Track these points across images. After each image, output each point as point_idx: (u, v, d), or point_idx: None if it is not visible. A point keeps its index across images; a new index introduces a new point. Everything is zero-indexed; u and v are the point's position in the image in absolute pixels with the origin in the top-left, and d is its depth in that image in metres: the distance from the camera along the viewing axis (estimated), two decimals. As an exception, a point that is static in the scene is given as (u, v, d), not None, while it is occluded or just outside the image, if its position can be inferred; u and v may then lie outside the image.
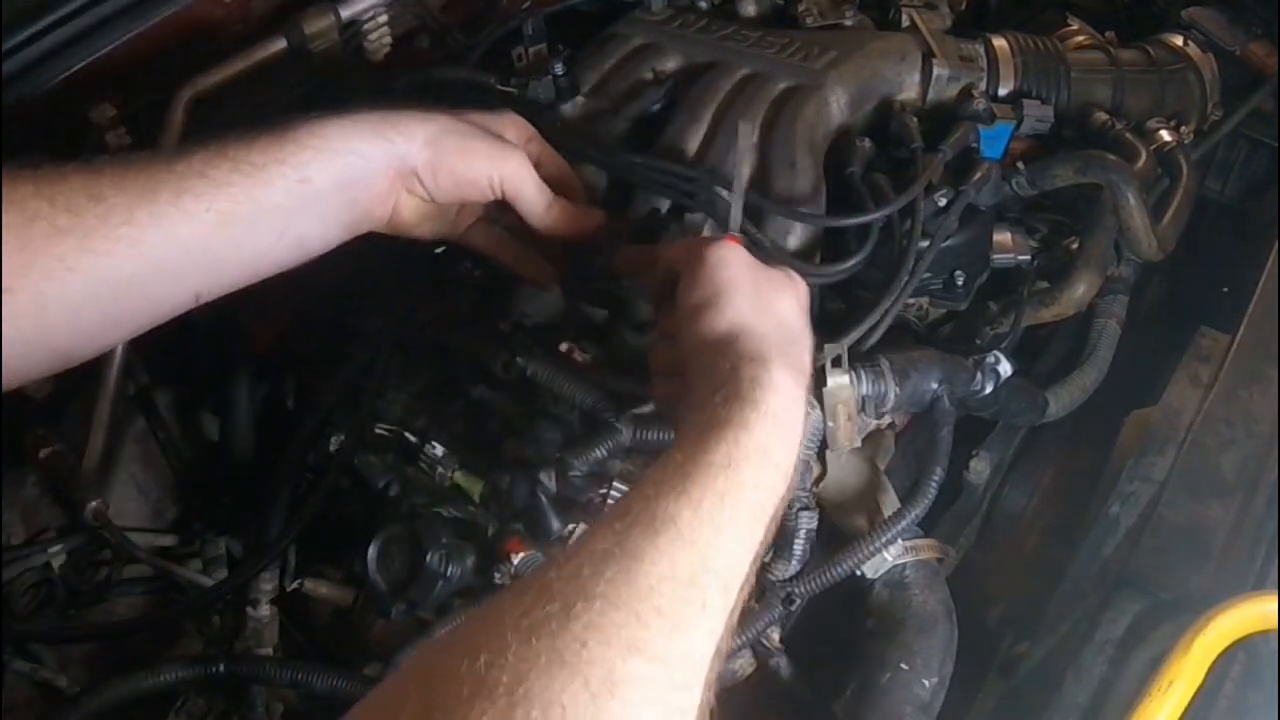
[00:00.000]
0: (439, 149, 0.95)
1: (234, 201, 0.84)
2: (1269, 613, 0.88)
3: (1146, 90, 1.49)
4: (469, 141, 0.98)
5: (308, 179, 0.87)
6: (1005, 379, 1.10)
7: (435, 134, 0.95)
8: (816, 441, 1.05)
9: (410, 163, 0.94)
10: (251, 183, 0.85)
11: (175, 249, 0.82)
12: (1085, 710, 0.95)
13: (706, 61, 1.34)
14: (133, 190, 0.81)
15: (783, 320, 0.88)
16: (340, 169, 0.90)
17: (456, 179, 0.97)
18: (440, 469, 1.14)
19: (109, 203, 0.79)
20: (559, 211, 1.04)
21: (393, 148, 0.93)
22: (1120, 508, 1.11)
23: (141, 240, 0.80)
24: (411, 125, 0.95)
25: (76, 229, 0.78)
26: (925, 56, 1.36)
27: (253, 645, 1.20)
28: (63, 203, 0.78)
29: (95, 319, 0.81)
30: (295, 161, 0.87)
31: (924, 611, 1.03)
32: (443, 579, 1.08)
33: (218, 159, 0.85)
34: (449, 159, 0.96)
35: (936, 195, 1.18)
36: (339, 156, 0.90)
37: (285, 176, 0.87)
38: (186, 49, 1.31)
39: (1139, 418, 1.19)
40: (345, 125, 0.92)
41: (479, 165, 0.98)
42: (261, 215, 0.86)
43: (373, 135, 0.92)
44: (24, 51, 1.18)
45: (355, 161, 0.91)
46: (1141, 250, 1.34)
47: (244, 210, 0.85)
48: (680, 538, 0.66)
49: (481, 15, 1.58)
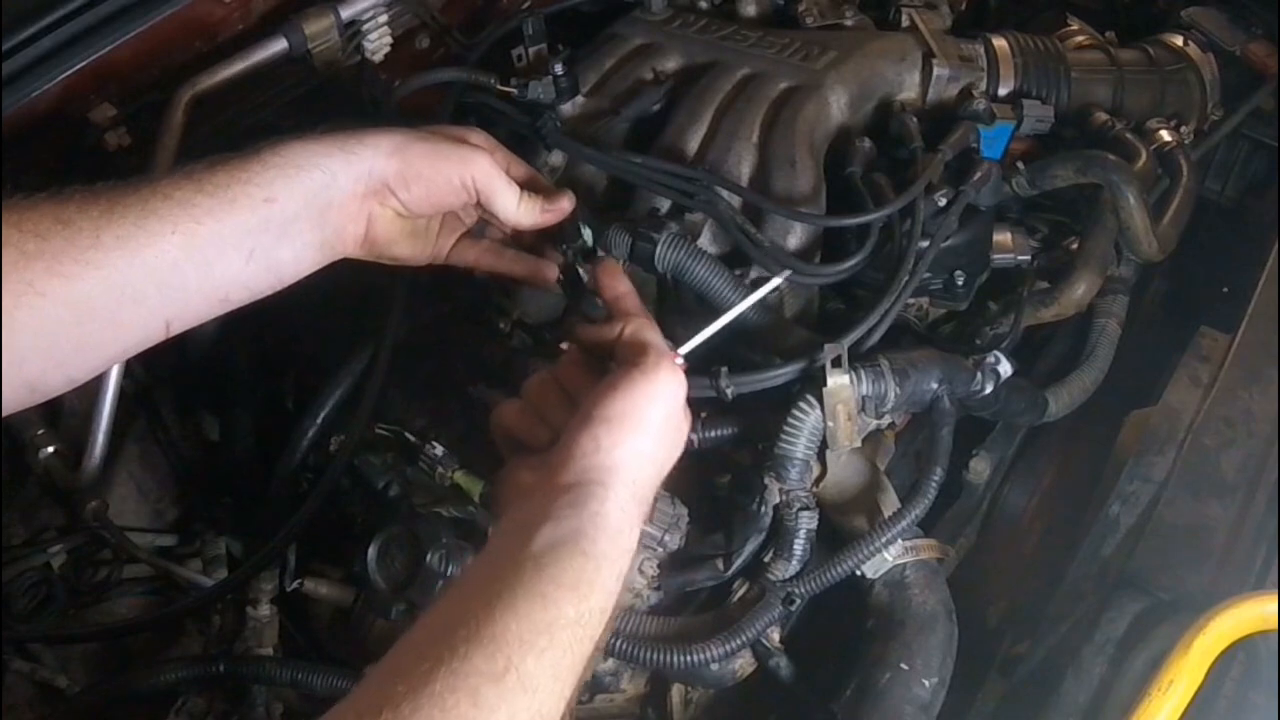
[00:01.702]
0: (406, 157, 0.94)
1: (198, 222, 0.83)
2: (1269, 613, 0.88)
3: (1146, 90, 1.49)
4: (436, 146, 0.97)
5: (273, 198, 0.86)
6: (1005, 379, 1.10)
7: (400, 143, 0.94)
8: (816, 441, 1.05)
9: (378, 174, 0.93)
10: (215, 203, 0.84)
11: (142, 272, 0.82)
12: (1085, 710, 0.95)
13: (706, 61, 1.34)
14: (97, 214, 0.80)
15: (661, 471, 0.90)
16: (307, 187, 0.89)
17: (427, 185, 0.96)
18: (440, 469, 1.14)
19: (75, 226, 0.79)
20: (532, 202, 1.04)
21: (359, 160, 0.92)
22: (1120, 508, 1.11)
23: (107, 263, 0.80)
24: (376, 137, 0.94)
25: (44, 253, 0.77)
26: (925, 56, 1.36)
27: (253, 645, 1.20)
28: (30, 227, 0.77)
29: (66, 346, 0.81)
30: (260, 181, 0.86)
31: (924, 611, 1.03)
32: (443, 579, 1.08)
33: (182, 180, 0.84)
34: (417, 165, 0.95)
35: (936, 195, 1.18)
36: (304, 173, 0.88)
37: (250, 196, 0.86)
38: (186, 49, 1.31)
39: (1139, 418, 1.19)
40: (309, 143, 0.90)
41: (448, 168, 0.97)
42: (227, 236, 0.85)
43: (338, 151, 0.91)
44: (24, 51, 1.17)
45: (321, 178, 0.89)
46: (1141, 250, 1.34)
47: (208, 231, 0.84)
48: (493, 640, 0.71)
49: (481, 15, 1.58)
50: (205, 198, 0.84)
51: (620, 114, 1.29)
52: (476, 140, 1.03)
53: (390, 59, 1.46)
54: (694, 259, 1.12)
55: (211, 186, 0.85)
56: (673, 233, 1.13)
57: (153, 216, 0.82)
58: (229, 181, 0.86)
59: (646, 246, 1.12)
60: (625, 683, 1.11)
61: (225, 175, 0.86)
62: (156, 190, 0.83)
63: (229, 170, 0.86)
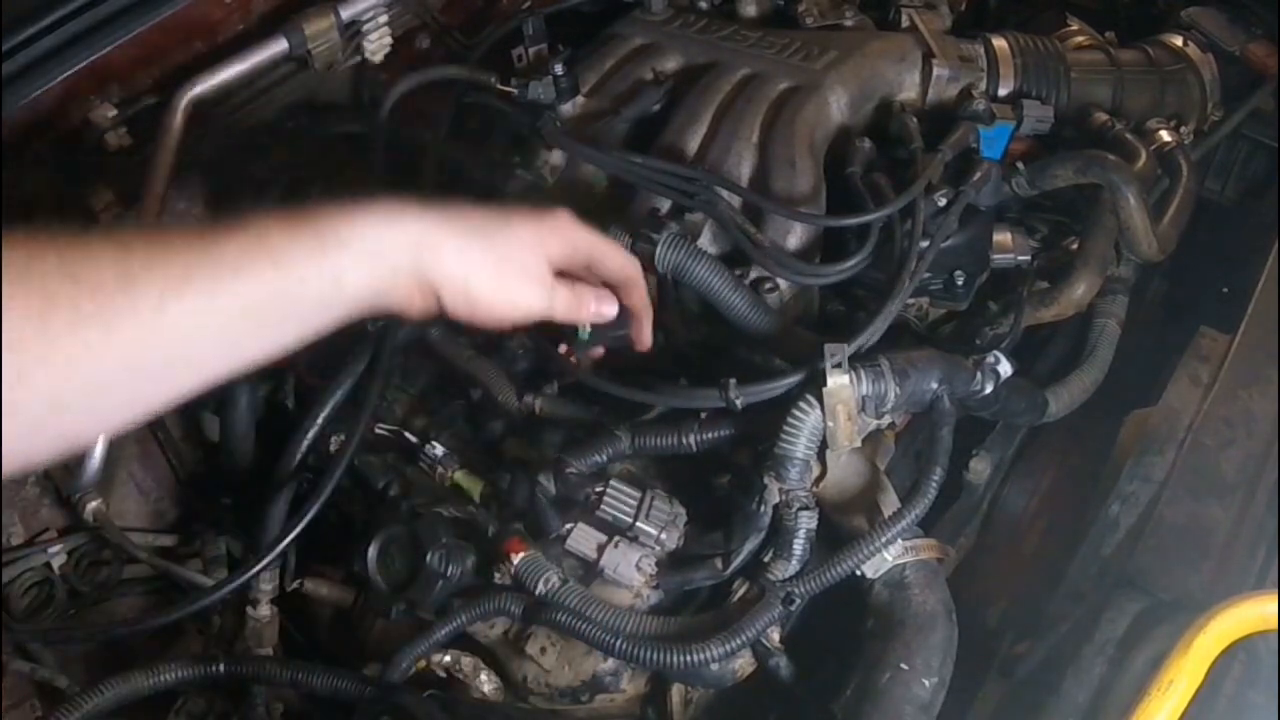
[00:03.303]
0: (473, 283, 0.91)
1: (267, 299, 0.80)
2: (1269, 613, 0.88)
3: (1146, 90, 1.49)
4: (506, 280, 0.93)
5: (341, 281, 0.84)
6: (1005, 379, 1.10)
7: (472, 268, 0.90)
8: (816, 441, 1.05)
9: (435, 291, 0.90)
10: (287, 282, 0.81)
11: (203, 339, 0.78)
12: (1085, 710, 0.95)
13: (706, 62, 1.34)
14: (165, 277, 0.75)
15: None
16: (373, 274, 0.86)
17: (489, 312, 0.93)
18: (440, 469, 1.14)
19: (139, 288, 0.74)
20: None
21: (424, 269, 0.88)
22: (1120, 508, 1.11)
23: (170, 329, 0.76)
24: (447, 252, 0.89)
25: (103, 314, 0.72)
26: (925, 57, 1.36)
27: (253, 645, 1.20)
28: (89, 283, 0.72)
29: (112, 405, 0.77)
30: (330, 263, 0.83)
31: (924, 611, 1.03)
32: (443, 579, 1.08)
33: (256, 251, 0.80)
34: (484, 292, 0.92)
35: (936, 195, 1.18)
36: (374, 260, 0.85)
37: (320, 278, 0.82)
38: (186, 49, 1.31)
39: (1139, 418, 1.19)
40: (384, 228, 0.86)
41: (517, 300, 0.94)
42: (292, 313, 0.82)
43: (410, 247, 0.87)
44: (24, 51, 1.18)
45: (388, 273, 0.87)
46: (1141, 250, 1.34)
47: (275, 308, 0.81)
48: None
49: (481, 15, 1.58)
50: (277, 275, 0.80)
51: (620, 114, 1.29)
52: (557, 246, 0.98)
53: (390, 59, 1.46)
54: (694, 259, 1.12)
55: (287, 264, 0.81)
56: (673, 233, 1.13)
57: (222, 290, 0.78)
58: (302, 258, 0.82)
59: (646, 247, 1.12)
60: (625, 683, 1.11)
61: (299, 250, 0.82)
62: (226, 257, 0.78)
63: (302, 244, 0.82)
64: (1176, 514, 1.04)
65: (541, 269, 0.95)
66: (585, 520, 1.09)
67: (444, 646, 1.08)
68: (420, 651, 1.06)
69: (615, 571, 1.06)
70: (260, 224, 0.80)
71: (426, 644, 1.06)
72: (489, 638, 1.12)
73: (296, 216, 0.83)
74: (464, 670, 1.09)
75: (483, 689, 1.09)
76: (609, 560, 1.07)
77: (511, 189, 1.25)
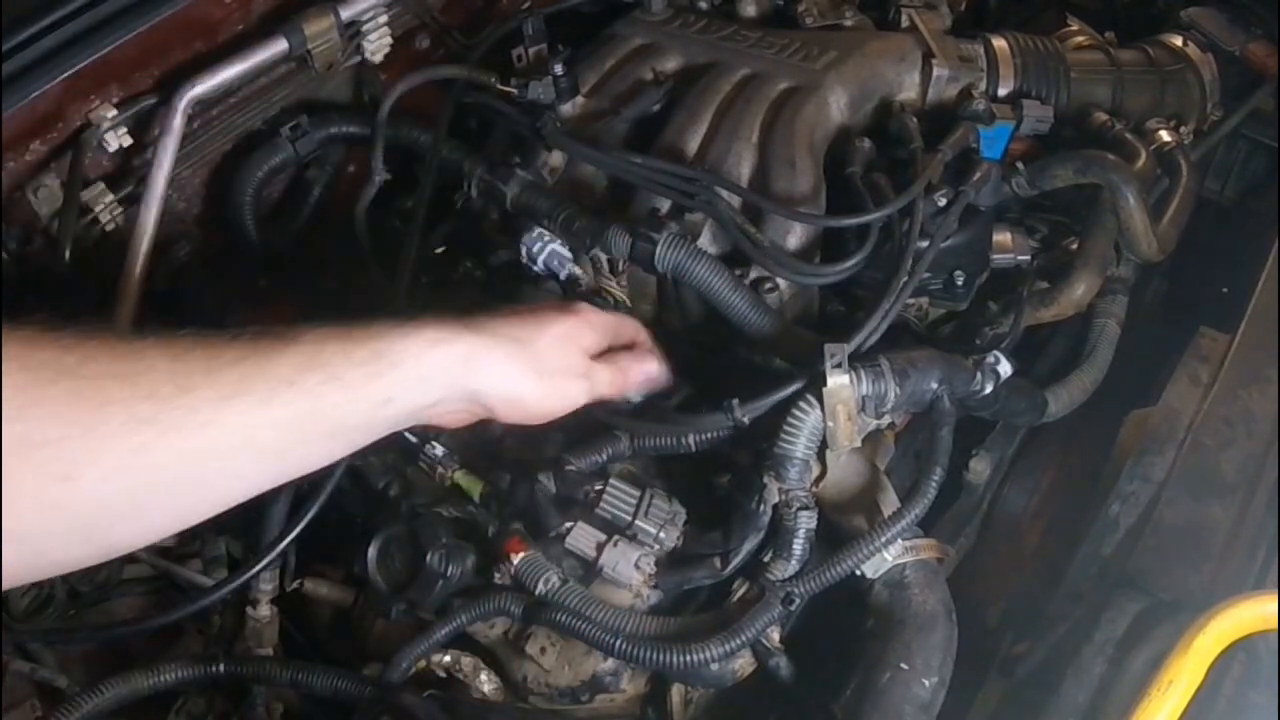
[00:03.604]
0: (522, 393, 0.95)
1: (319, 413, 0.81)
2: (1269, 613, 0.88)
3: (1146, 90, 1.49)
4: (551, 383, 0.98)
5: (391, 401, 0.86)
6: (1005, 379, 1.10)
7: (519, 380, 0.94)
8: (816, 441, 1.05)
9: (484, 405, 0.95)
10: (342, 398, 0.82)
11: (252, 450, 0.78)
12: (1085, 710, 0.95)
13: (706, 62, 1.34)
14: (222, 386, 0.75)
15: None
16: (423, 396, 0.88)
17: (540, 415, 0.99)
18: (440, 469, 1.14)
19: (197, 396, 0.74)
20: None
21: (473, 387, 0.92)
22: (1120, 508, 1.11)
23: (223, 438, 0.75)
24: (494, 370, 0.93)
25: (159, 421, 0.71)
26: (925, 57, 1.36)
27: (253, 645, 1.20)
28: (145, 388, 0.72)
29: (157, 513, 0.76)
30: (384, 383, 0.85)
31: (924, 611, 1.03)
32: (443, 579, 1.08)
33: (311, 366, 0.81)
34: (532, 399, 0.96)
35: (936, 195, 1.18)
36: (424, 384, 0.88)
37: (371, 398, 0.84)
38: (186, 49, 1.31)
39: (1139, 418, 1.19)
40: (432, 350, 0.88)
41: (565, 397, 1.00)
42: (340, 428, 0.84)
43: (458, 369, 0.90)
44: (24, 51, 1.17)
45: (437, 393, 0.90)
46: (1141, 250, 1.34)
47: (325, 422, 0.82)
48: None
49: (481, 15, 1.58)
50: (331, 392, 0.81)
51: (620, 114, 1.29)
52: (590, 340, 1.03)
53: (390, 59, 1.46)
54: (694, 259, 1.12)
55: (341, 384, 0.82)
56: (673, 233, 1.13)
57: (277, 403, 0.78)
58: (359, 379, 0.83)
59: (646, 246, 1.13)
60: (625, 683, 1.11)
61: (356, 370, 0.83)
62: (283, 370, 0.79)
63: (360, 363, 0.84)
64: (1176, 514, 1.04)
65: (581, 362, 1.01)
66: (584, 519, 1.09)
67: (444, 646, 1.08)
68: (420, 651, 1.06)
69: (614, 570, 1.06)
70: (315, 338, 0.82)
71: (426, 644, 1.06)
72: (489, 638, 1.12)
73: (351, 333, 0.84)
74: (464, 670, 1.09)
75: (483, 689, 1.09)
76: (608, 559, 1.07)
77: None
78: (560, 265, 1.18)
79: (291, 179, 1.47)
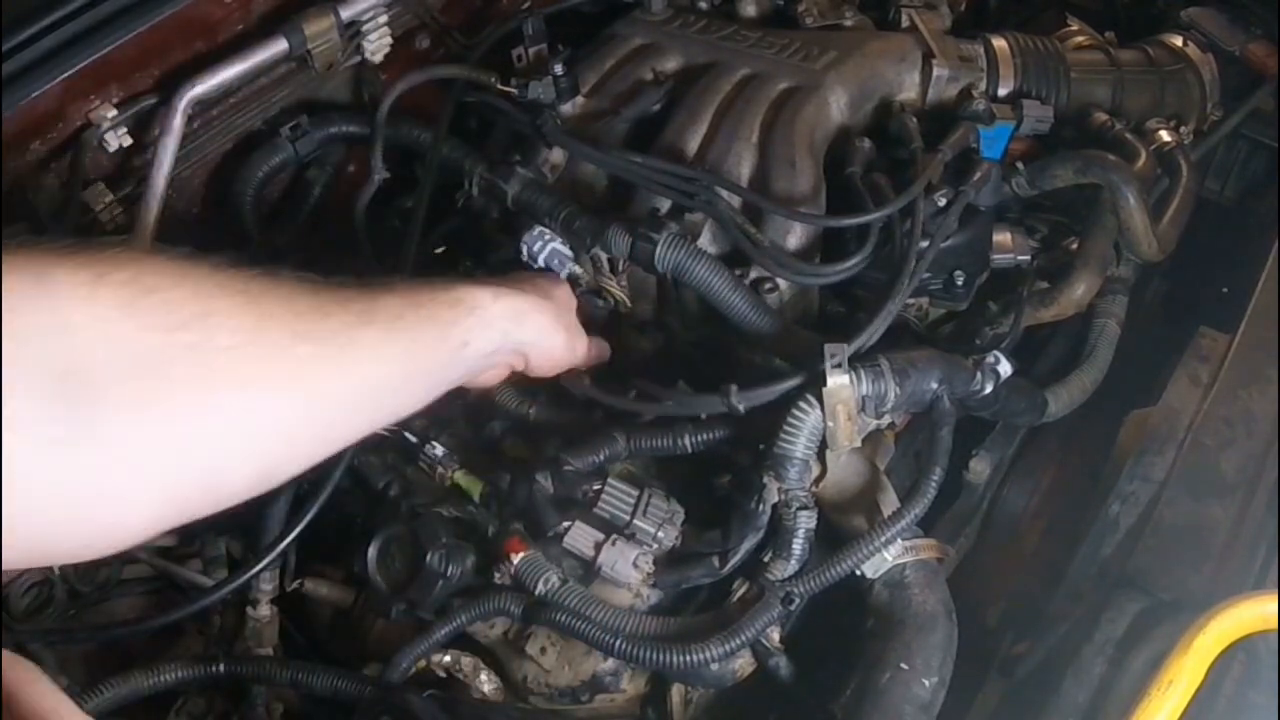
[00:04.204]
0: (554, 344, 1.05)
1: (422, 352, 0.88)
2: (1269, 613, 0.88)
3: (1146, 90, 1.49)
4: (570, 337, 1.08)
5: (467, 344, 0.93)
6: (1005, 379, 1.10)
7: (552, 332, 1.04)
8: (816, 441, 1.05)
9: (525, 355, 1.04)
10: (436, 335, 0.89)
11: (376, 382, 0.82)
12: (1085, 710, 0.95)
13: (706, 62, 1.34)
14: (351, 315, 0.80)
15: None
16: (488, 345, 0.96)
17: (559, 366, 1.09)
18: (440, 469, 1.14)
19: (336, 319, 0.78)
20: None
21: (520, 344, 1.01)
22: (1120, 508, 1.11)
23: (358, 367, 0.80)
24: (535, 321, 1.02)
25: (311, 337, 0.75)
26: (925, 57, 1.36)
27: (253, 645, 1.20)
28: (294, 309, 0.76)
29: (306, 440, 0.78)
30: (464, 326, 0.92)
31: (924, 611, 1.03)
32: (443, 579, 1.08)
33: (413, 305, 0.87)
34: (558, 350, 1.06)
35: (936, 195, 1.18)
36: (490, 333, 0.96)
37: (455, 339, 0.91)
38: (186, 49, 1.31)
39: (1139, 418, 1.19)
40: (501, 304, 0.97)
41: (575, 351, 1.09)
42: (433, 369, 0.90)
43: (514, 325, 0.99)
44: (24, 51, 1.17)
45: (498, 345, 0.98)
46: (1141, 250, 1.34)
47: (424, 362, 0.88)
48: None
49: (481, 15, 1.58)
50: (431, 328, 0.89)
51: (620, 114, 1.29)
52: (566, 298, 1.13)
53: (390, 59, 1.46)
54: (694, 259, 1.12)
55: (436, 321, 0.89)
56: (673, 233, 1.13)
57: (394, 335, 0.84)
58: (450, 321, 0.91)
59: (646, 246, 1.13)
60: (625, 683, 1.11)
61: (446, 312, 0.91)
62: (392, 312, 0.84)
63: (450, 305, 0.92)
64: (1176, 514, 1.04)
65: (579, 324, 1.11)
66: (583, 518, 1.09)
67: (444, 646, 1.09)
68: (420, 651, 1.06)
69: (612, 569, 1.06)
70: (406, 285, 0.89)
71: (426, 644, 1.06)
72: (489, 638, 1.12)
73: (432, 282, 0.92)
74: (464, 670, 1.09)
75: (483, 689, 1.09)
76: (606, 558, 1.07)
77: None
78: (560, 264, 1.18)
79: (291, 179, 1.47)
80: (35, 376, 0.60)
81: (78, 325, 0.63)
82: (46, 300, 0.62)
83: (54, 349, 0.62)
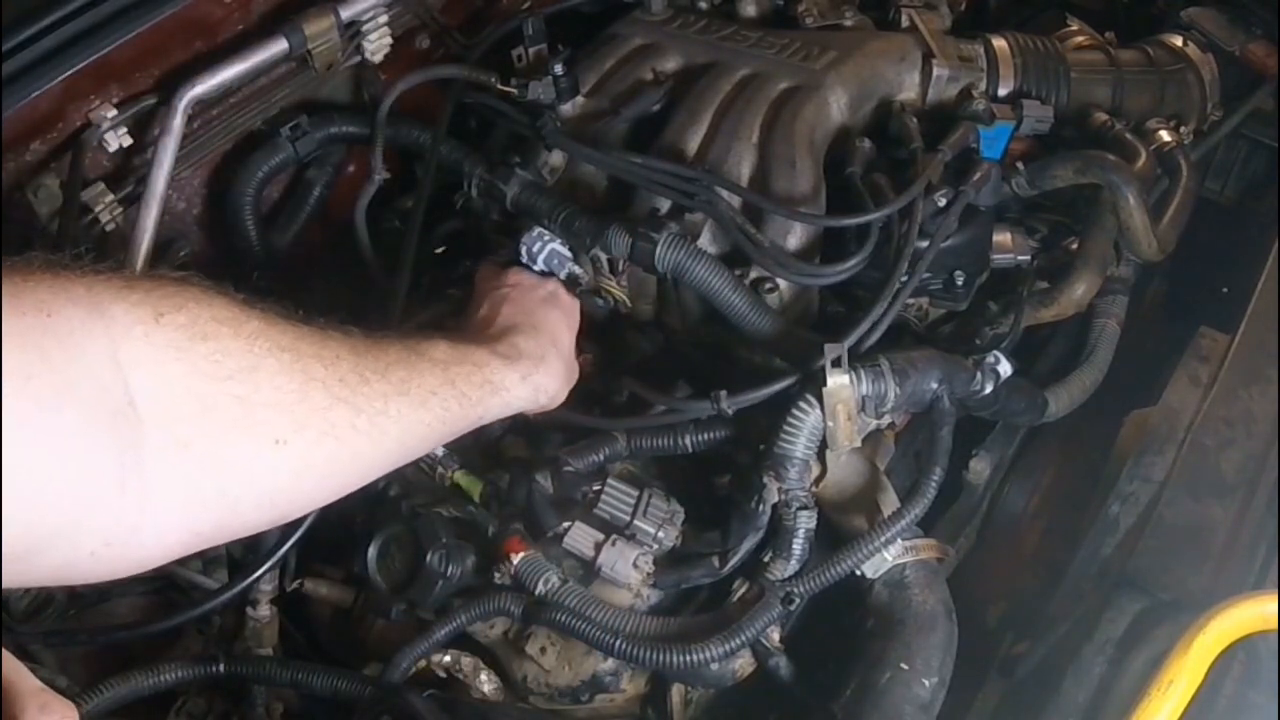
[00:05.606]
0: (555, 403, 1.08)
1: (445, 422, 0.91)
2: (1269, 613, 0.88)
3: (1146, 91, 1.49)
4: (570, 379, 1.10)
5: (483, 418, 0.97)
6: (1005, 379, 1.10)
7: (559, 399, 1.08)
8: (816, 441, 1.05)
9: (548, 399, 1.07)
10: (460, 411, 0.92)
11: (399, 442, 0.86)
12: (1085, 710, 0.95)
13: (706, 62, 1.34)
14: (390, 384, 0.84)
15: None
16: (501, 415, 1.01)
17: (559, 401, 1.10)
18: (440, 469, 1.14)
19: (374, 388, 0.82)
20: None
21: (534, 409, 1.05)
22: (1120, 508, 1.11)
23: (387, 430, 0.83)
24: (550, 398, 1.06)
25: (349, 402, 0.79)
26: (925, 57, 1.36)
27: (253, 645, 1.20)
28: (337, 372, 0.79)
29: (331, 482, 0.83)
30: (486, 406, 0.96)
31: (924, 611, 1.03)
32: (443, 579, 1.09)
33: (447, 382, 0.91)
34: (561, 395, 1.08)
35: (936, 195, 1.18)
36: (508, 409, 1.01)
37: (476, 416, 0.95)
38: (186, 49, 1.31)
39: (1139, 418, 1.19)
40: (526, 386, 1.01)
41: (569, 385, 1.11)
42: (449, 434, 0.94)
43: (531, 399, 1.03)
44: (24, 51, 1.17)
45: (511, 415, 1.03)
46: (1141, 250, 1.34)
47: (445, 429, 0.91)
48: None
49: (481, 15, 1.58)
50: (457, 405, 0.92)
51: (620, 114, 1.29)
52: None
53: (390, 59, 1.46)
54: (694, 259, 1.12)
55: (464, 400, 0.93)
56: (673, 233, 1.13)
57: (425, 408, 0.88)
58: (475, 401, 0.94)
59: (646, 246, 1.13)
60: (625, 683, 1.11)
61: (475, 393, 0.94)
62: (428, 387, 0.88)
63: (501, 366, 0.99)
64: (1176, 514, 1.04)
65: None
66: (583, 519, 1.09)
67: (444, 646, 1.09)
68: (420, 651, 1.06)
69: (612, 569, 1.06)
70: (445, 355, 0.93)
71: (426, 644, 1.06)
72: (489, 638, 1.12)
73: (468, 354, 0.96)
74: (464, 670, 1.09)
75: (483, 689, 1.09)
76: (606, 558, 1.07)
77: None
78: (560, 264, 1.18)
79: (291, 179, 1.47)
80: (90, 410, 0.63)
81: (133, 363, 0.65)
82: (104, 335, 0.64)
83: (109, 384, 0.64)
